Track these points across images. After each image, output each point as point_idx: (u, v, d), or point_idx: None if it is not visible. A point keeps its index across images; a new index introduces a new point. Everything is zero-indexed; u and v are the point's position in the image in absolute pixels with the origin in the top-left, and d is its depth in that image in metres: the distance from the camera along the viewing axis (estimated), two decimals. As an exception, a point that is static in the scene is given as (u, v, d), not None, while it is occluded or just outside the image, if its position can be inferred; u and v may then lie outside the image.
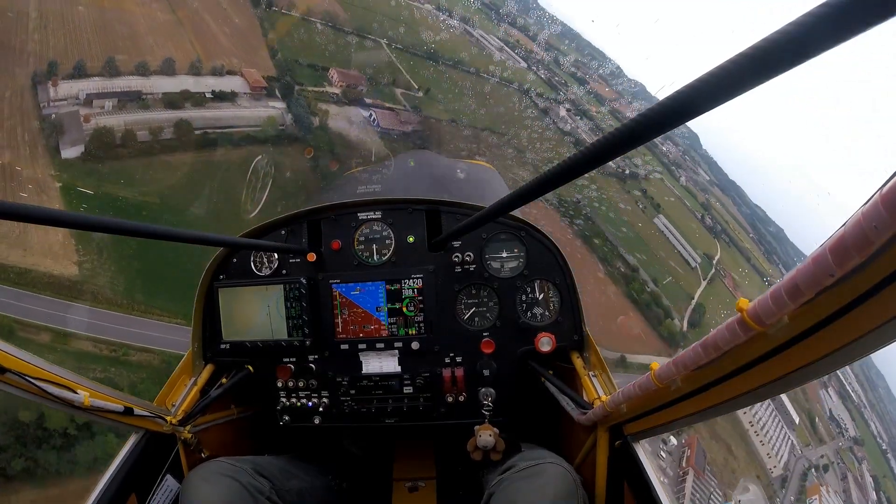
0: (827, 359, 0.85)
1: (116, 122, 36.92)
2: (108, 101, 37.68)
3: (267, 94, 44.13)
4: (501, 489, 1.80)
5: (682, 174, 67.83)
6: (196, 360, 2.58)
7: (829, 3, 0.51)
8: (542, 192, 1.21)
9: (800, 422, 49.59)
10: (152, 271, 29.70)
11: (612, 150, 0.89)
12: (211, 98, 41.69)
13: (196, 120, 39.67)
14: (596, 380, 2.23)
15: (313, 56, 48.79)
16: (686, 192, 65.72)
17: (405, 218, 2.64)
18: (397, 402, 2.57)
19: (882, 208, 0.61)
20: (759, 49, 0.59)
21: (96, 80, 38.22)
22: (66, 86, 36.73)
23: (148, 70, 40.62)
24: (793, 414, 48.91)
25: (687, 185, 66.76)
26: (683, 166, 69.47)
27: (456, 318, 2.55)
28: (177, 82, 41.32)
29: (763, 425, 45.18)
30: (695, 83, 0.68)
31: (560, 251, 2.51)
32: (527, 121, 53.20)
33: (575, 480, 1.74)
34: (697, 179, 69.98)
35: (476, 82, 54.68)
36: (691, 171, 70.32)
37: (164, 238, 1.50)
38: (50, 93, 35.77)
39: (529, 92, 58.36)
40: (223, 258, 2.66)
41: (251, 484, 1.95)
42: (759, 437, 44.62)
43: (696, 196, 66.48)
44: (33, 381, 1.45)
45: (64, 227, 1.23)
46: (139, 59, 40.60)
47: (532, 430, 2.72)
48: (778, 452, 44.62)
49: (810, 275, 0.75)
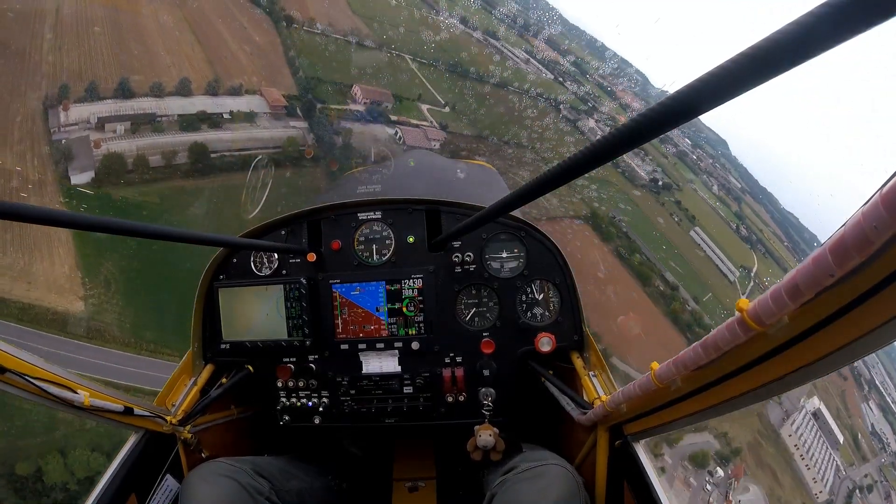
0: (827, 359, 0.85)
1: (128, 147, 35.75)
2: (120, 125, 36.57)
3: (287, 113, 42.70)
4: (504, 490, 1.79)
5: (713, 182, 66.05)
6: (196, 360, 2.57)
7: (829, 3, 0.51)
8: (542, 192, 1.21)
9: (844, 441, 47.35)
10: (162, 306, 27.90)
11: (612, 150, 0.88)
12: (229, 119, 40.17)
13: (213, 142, 38.16)
14: (596, 380, 2.22)
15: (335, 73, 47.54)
16: (719, 200, 63.90)
17: (405, 218, 2.64)
18: (397, 402, 2.57)
19: (882, 208, 0.61)
20: (759, 49, 0.59)
21: (109, 103, 37.16)
22: (78, 109, 35.85)
23: (163, 91, 39.47)
24: (837, 433, 46.68)
25: (719, 194, 64.99)
26: (714, 174, 67.66)
27: (456, 318, 2.55)
28: (193, 103, 40.12)
29: (808, 448, 43.32)
30: (695, 83, 0.68)
31: (560, 251, 2.51)
32: (556, 134, 50.92)
33: (578, 482, 1.74)
34: (729, 187, 68.00)
35: (503, 96, 53.03)
36: (722, 178, 68.42)
37: (164, 238, 1.51)
38: (61, 117, 34.80)
39: (559, 105, 56.65)
40: (223, 258, 2.65)
41: (251, 484, 1.95)
42: (805, 461, 42.76)
43: (730, 205, 64.64)
44: (33, 381, 1.45)
45: (64, 227, 1.22)
46: (154, 80, 39.44)
47: (532, 430, 2.74)
48: (823, 476, 42.59)
49: (810, 275, 0.75)
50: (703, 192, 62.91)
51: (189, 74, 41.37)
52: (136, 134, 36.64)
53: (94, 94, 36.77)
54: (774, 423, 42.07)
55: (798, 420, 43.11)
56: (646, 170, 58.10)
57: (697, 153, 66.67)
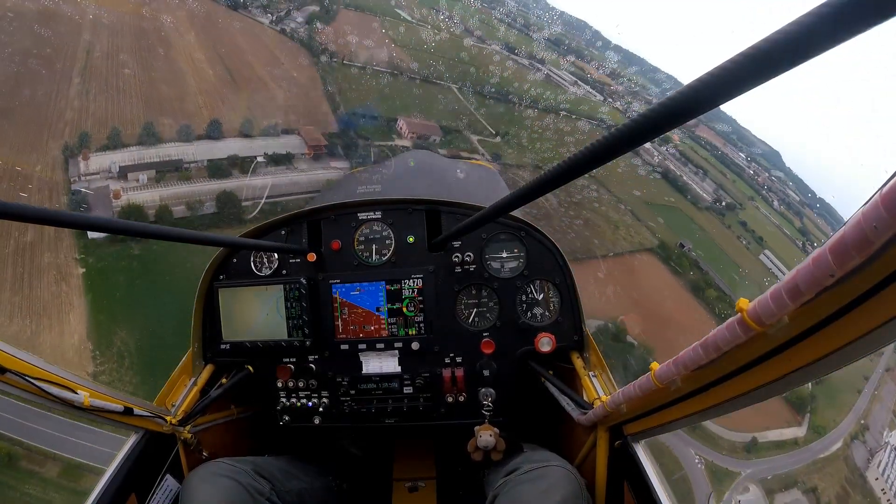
0: (827, 359, 0.85)
1: (150, 197, 32.98)
2: (143, 174, 34.00)
3: (328, 153, 38.86)
4: (506, 492, 1.79)
5: (773, 198, 62.26)
6: (196, 360, 2.58)
7: (829, 3, 0.51)
8: (542, 193, 1.21)
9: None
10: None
11: (612, 150, 0.89)
12: (263, 162, 36.56)
13: (244, 189, 34.62)
14: (596, 380, 2.22)
15: (379, 107, 43.88)
16: (782, 217, 60.04)
17: (405, 218, 2.64)
18: (397, 402, 2.57)
19: (882, 208, 0.61)
20: (759, 49, 0.59)
21: (133, 151, 34.67)
22: (99, 158, 33.54)
23: (192, 135, 36.66)
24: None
25: (781, 210, 61.13)
26: (773, 189, 63.83)
27: (456, 318, 2.55)
28: (225, 146, 37.02)
29: (892, 485, 37.82)
30: (695, 83, 0.68)
31: (560, 251, 2.51)
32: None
33: (580, 482, 1.74)
34: (789, 202, 64.28)
35: (555, 121, 48.69)
36: (781, 193, 64.62)
37: (164, 238, 1.51)
38: (80, 167, 32.52)
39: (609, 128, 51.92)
40: (223, 258, 2.65)
41: (251, 485, 1.95)
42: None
43: (793, 221, 60.74)
44: (33, 381, 1.45)
45: (64, 227, 1.21)
46: (184, 122, 37.09)
47: (532, 431, 2.76)
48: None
49: (810, 275, 0.75)
50: (764, 209, 59.47)
51: (221, 115, 38.73)
52: (161, 183, 33.76)
53: (118, 140, 34.43)
54: (860, 466, 36.62)
55: (883, 459, 37.43)
56: (707, 189, 55.14)
57: (753, 167, 63.37)
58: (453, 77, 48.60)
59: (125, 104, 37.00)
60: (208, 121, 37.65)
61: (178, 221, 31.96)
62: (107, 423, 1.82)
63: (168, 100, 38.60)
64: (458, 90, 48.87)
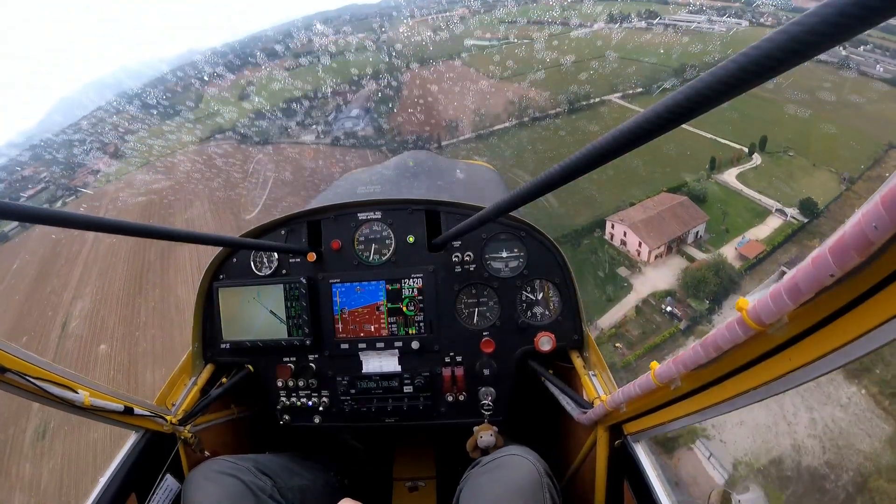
0: (827, 358, 0.86)
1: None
2: None
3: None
4: (468, 484, 1.81)
5: None
6: (196, 359, 2.59)
7: (829, 3, 0.52)
8: (543, 193, 1.21)
9: None
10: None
11: (612, 151, 0.89)
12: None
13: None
14: (596, 379, 2.23)
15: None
16: None
17: (405, 218, 2.64)
18: (397, 401, 2.58)
19: (882, 208, 0.61)
20: (759, 49, 0.59)
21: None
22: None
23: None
24: None
25: None
26: None
27: (456, 318, 2.56)
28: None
29: None
30: (695, 83, 0.69)
31: (560, 251, 2.52)
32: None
33: (539, 469, 1.73)
34: None
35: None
36: None
37: (165, 238, 1.51)
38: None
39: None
40: (223, 258, 2.66)
41: (253, 482, 1.95)
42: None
43: None
44: (33, 380, 1.45)
45: (64, 226, 1.21)
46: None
47: (532, 430, 2.78)
48: None
49: (810, 275, 0.75)
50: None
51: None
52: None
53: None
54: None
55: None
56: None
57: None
58: (610, 84, 36.03)
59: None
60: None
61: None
62: (107, 423, 1.82)
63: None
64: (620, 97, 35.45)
